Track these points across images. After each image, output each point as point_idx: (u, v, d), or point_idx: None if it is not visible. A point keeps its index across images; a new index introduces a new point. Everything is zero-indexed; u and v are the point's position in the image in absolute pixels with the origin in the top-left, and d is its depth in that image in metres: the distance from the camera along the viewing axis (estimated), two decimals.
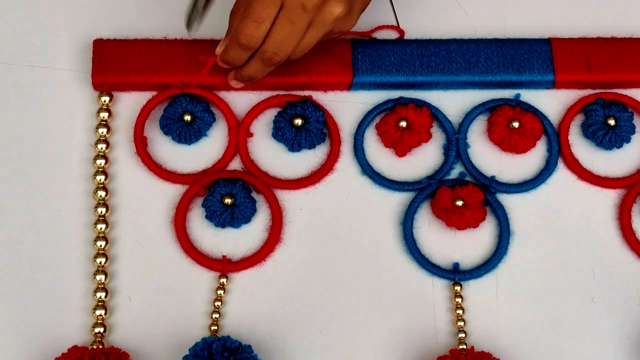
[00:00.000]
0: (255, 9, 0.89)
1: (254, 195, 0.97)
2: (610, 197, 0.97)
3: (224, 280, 0.93)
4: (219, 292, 0.93)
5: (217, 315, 0.92)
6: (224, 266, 0.94)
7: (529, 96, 1.00)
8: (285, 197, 0.97)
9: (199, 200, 0.96)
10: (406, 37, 1.01)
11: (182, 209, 0.95)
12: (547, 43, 1.00)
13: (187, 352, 0.88)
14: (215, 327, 0.91)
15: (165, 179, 0.97)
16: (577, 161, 0.98)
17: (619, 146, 0.99)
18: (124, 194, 0.96)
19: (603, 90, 1.00)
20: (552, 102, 1.00)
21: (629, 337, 0.92)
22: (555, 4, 1.04)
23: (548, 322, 0.93)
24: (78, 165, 0.97)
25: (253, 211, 0.95)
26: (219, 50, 0.95)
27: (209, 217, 0.95)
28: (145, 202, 0.96)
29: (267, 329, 0.92)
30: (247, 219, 0.95)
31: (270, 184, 0.96)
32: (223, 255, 0.94)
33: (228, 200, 0.94)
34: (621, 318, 0.93)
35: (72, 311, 0.92)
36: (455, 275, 0.93)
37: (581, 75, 0.99)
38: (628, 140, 0.99)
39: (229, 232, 0.96)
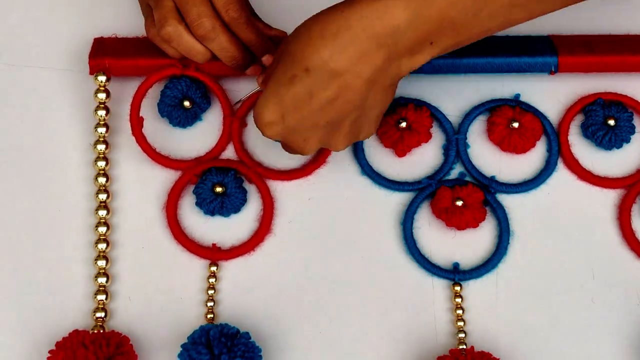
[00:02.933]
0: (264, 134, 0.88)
1: (246, 185, 0.97)
2: (610, 197, 0.97)
3: (214, 268, 0.94)
4: (210, 280, 0.93)
5: (211, 304, 0.92)
6: (214, 254, 0.94)
7: (529, 96, 1.00)
8: (278, 188, 0.97)
9: (192, 187, 0.97)
10: None
11: (174, 196, 0.96)
12: (546, 39, 1.00)
13: (185, 340, 0.88)
14: (212, 315, 0.92)
15: (160, 163, 0.97)
16: (576, 161, 0.98)
17: (619, 146, 0.98)
18: (122, 178, 0.97)
19: (603, 91, 1.00)
20: (552, 102, 1.00)
21: (629, 337, 0.92)
22: None
23: (548, 322, 0.92)
24: (78, 163, 0.97)
25: (243, 202, 0.96)
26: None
27: (199, 204, 0.96)
28: (140, 186, 0.97)
29: (260, 320, 0.92)
30: (236, 209, 0.96)
31: (263, 175, 0.97)
32: (213, 244, 0.95)
33: (219, 189, 0.95)
34: (621, 318, 0.93)
35: (74, 296, 0.93)
36: (455, 275, 0.93)
37: (584, 57, 0.98)
38: (628, 141, 0.99)
39: (220, 221, 0.96)
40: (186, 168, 0.97)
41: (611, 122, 0.98)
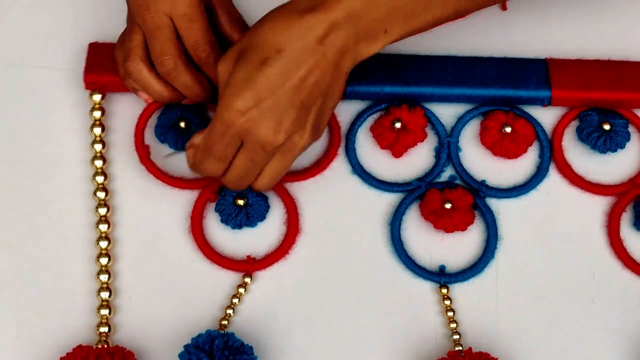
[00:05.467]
0: (216, 149, 0.87)
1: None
2: (600, 205, 0.97)
3: (248, 279, 0.93)
4: (240, 290, 0.93)
5: (230, 311, 0.92)
6: (250, 266, 0.94)
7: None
8: (296, 189, 0.97)
9: (211, 204, 0.97)
10: (401, 52, 1.00)
11: (196, 216, 0.95)
12: (543, 63, 1.00)
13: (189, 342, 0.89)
14: (226, 322, 0.92)
15: (173, 186, 0.96)
16: (569, 166, 0.98)
17: (614, 150, 0.98)
18: (126, 194, 0.97)
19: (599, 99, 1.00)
20: (547, 116, 1.00)
21: (630, 338, 0.93)
22: (552, 26, 1.04)
23: (541, 325, 0.93)
24: (77, 167, 0.97)
25: (267, 208, 0.96)
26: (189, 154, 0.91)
27: (225, 220, 0.95)
28: (145, 200, 0.96)
29: (258, 321, 0.93)
30: (262, 217, 0.96)
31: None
32: (247, 255, 0.95)
33: (240, 202, 0.95)
34: (621, 318, 0.93)
35: (77, 311, 0.92)
36: (441, 278, 0.93)
37: (578, 93, 0.99)
38: (623, 146, 0.99)
39: (246, 232, 0.96)
40: (201, 187, 0.96)
41: (606, 127, 0.98)
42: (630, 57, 1.01)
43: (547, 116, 1.00)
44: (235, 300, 0.93)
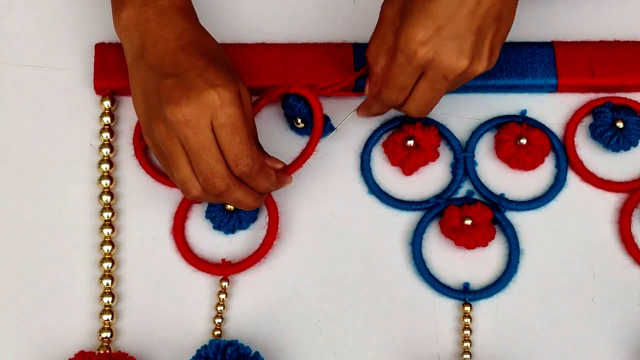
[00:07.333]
0: (397, 80, 0.88)
1: None
2: (611, 201, 0.97)
3: (225, 283, 0.93)
4: (220, 296, 0.93)
5: (219, 320, 0.92)
6: (225, 269, 0.94)
7: (535, 108, 0.99)
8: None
9: (198, 206, 0.96)
10: None
11: (179, 218, 0.95)
12: (550, 46, 0.99)
13: (195, 353, 0.89)
14: (219, 332, 0.92)
15: (163, 183, 0.96)
16: (582, 164, 0.98)
17: (627, 148, 0.98)
18: (129, 199, 0.97)
19: (612, 95, 0.99)
20: (558, 112, 0.99)
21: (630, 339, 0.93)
22: (559, 7, 1.02)
23: (557, 333, 0.93)
24: (80, 167, 0.97)
25: (256, 210, 0.95)
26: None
27: (217, 227, 0.95)
28: (148, 206, 0.96)
29: (267, 335, 0.93)
30: (253, 218, 0.95)
31: None
32: (222, 259, 0.94)
33: (230, 207, 0.94)
34: (620, 320, 0.93)
35: (79, 316, 0.93)
36: (466, 295, 0.93)
37: (584, 79, 0.99)
38: (636, 144, 0.98)
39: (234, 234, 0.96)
40: None
41: (620, 125, 0.98)
42: (637, 37, 1.02)
43: (561, 121, 0.99)
44: (221, 308, 0.92)
